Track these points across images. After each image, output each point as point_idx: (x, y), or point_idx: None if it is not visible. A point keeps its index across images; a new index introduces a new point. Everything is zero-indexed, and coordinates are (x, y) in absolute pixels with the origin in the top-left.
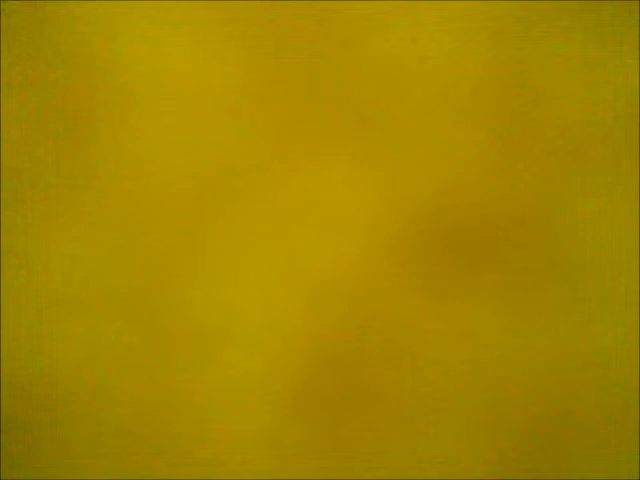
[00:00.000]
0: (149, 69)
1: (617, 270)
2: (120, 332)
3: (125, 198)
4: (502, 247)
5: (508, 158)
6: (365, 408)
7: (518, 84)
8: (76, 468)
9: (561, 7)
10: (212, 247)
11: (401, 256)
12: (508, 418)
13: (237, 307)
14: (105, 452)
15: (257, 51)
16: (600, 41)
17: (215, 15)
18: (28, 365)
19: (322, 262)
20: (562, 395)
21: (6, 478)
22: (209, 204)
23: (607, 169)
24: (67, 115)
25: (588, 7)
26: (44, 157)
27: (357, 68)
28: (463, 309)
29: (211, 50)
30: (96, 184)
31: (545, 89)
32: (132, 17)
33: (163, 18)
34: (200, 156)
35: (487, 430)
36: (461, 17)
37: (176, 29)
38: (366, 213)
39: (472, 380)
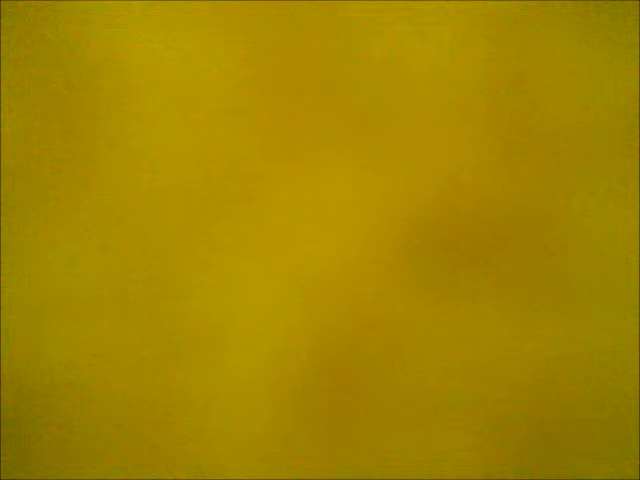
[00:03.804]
0: (149, 69)
1: (617, 270)
2: (120, 332)
3: (125, 198)
4: (502, 247)
5: (508, 158)
6: (365, 408)
7: (518, 84)
8: (76, 468)
9: (561, 7)
10: (212, 246)
11: (401, 256)
12: (508, 417)
13: (237, 307)
14: (105, 452)
15: (258, 50)
16: (600, 41)
17: (215, 14)
18: (28, 365)
19: (322, 262)
20: (562, 394)
21: (6, 478)
22: (209, 204)
23: (607, 169)
24: (67, 115)
25: (588, 7)
26: (44, 157)
27: (358, 68)
28: (463, 309)
29: (211, 50)
30: (96, 184)
31: (545, 89)
32: (132, 17)
33: (163, 17)
34: (200, 156)
35: (487, 430)
36: (461, 17)
37: (176, 28)
38: (366, 213)
39: (472, 379)
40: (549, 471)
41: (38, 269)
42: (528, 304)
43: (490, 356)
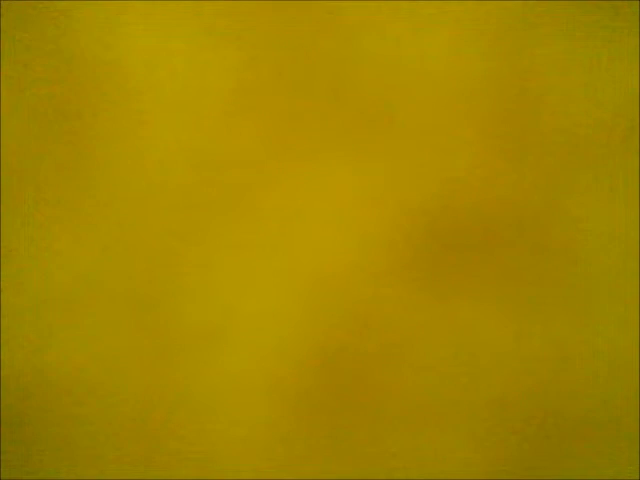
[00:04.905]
0: (149, 69)
1: (617, 270)
2: (120, 332)
3: (125, 198)
4: (502, 247)
5: (508, 158)
6: (365, 408)
7: (518, 84)
8: (76, 468)
9: (561, 7)
10: (212, 246)
11: (401, 256)
12: (508, 418)
13: (237, 306)
14: (105, 452)
15: (257, 50)
16: (600, 41)
17: (214, 15)
18: (28, 365)
19: (322, 261)
20: (562, 394)
21: (6, 478)
22: (209, 204)
23: (607, 169)
24: (67, 115)
25: (588, 7)
26: (44, 157)
27: (357, 68)
28: (463, 309)
29: (210, 50)
30: (96, 184)
31: (545, 89)
32: (132, 17)
33: (162, 18)
34: (199, 156)
35: (487, 430)
36: (461, 17)
37: (175, 29)
38: (366, 213)
39: (472, 380)
40: (549, 471)
41: (38, 269)
42: (528, 304)
43: (490, 356)
